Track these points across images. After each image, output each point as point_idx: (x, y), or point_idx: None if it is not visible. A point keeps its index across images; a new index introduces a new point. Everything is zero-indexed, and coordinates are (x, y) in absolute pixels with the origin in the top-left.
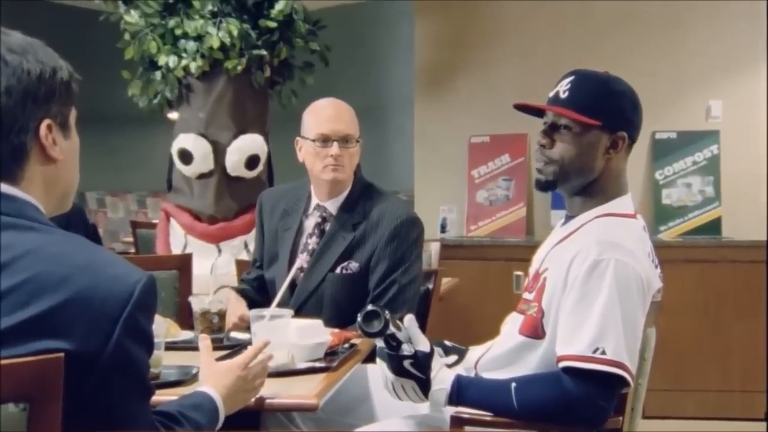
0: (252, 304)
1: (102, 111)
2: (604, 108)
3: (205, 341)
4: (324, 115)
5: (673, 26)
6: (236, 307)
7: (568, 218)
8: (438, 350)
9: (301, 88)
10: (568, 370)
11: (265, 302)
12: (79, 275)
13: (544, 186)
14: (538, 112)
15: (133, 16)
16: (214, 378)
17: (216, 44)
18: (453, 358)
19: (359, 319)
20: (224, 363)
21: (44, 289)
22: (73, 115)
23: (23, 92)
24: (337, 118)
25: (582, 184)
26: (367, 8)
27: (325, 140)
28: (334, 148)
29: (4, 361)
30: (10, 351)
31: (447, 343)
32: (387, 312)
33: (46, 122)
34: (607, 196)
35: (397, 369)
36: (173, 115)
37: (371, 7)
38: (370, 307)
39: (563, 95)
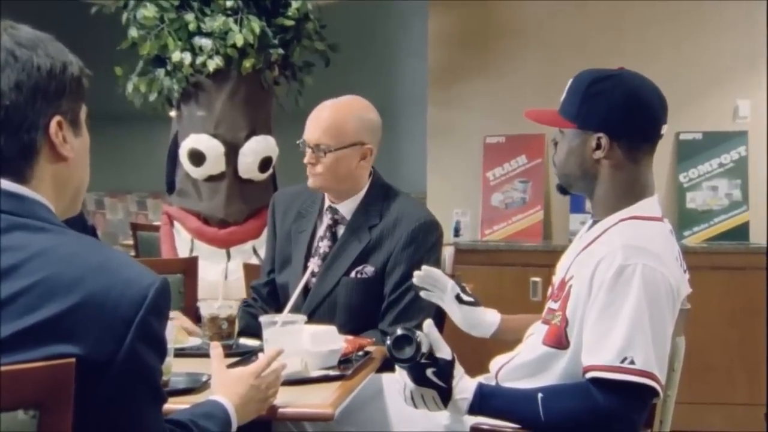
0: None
1: (98, 108)
2: (579, 110)
3: (216, 348)
4: (308, 119)
5: (699, 24)
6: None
7: (594, 222)
8: (453, 296)
9: (302, 87)
10: (595, 381)
11: (278, 310)
12: (91, 277)
13: (559, 189)
14: None
15: (150, 10)
16: (226, 387)
17: (240, 42)
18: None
19: (388, 343)
20: (236, 371)
21: (56, 291)
22: (83, 112)
23: (33, 88)
24: (313, 125)
25: (586, 188)
26: (379, 3)
27: (304, 144)
28: (307, 155)
29: (13, 367)
30: (21, 355)
31: (464, 297)
32: (418, 334)
33: (56, 119)
34: (629, 199)
35: (419, 378)
36: (173, 113)
37: (383, 3)
38: (400, 331)
39: (561, 99)
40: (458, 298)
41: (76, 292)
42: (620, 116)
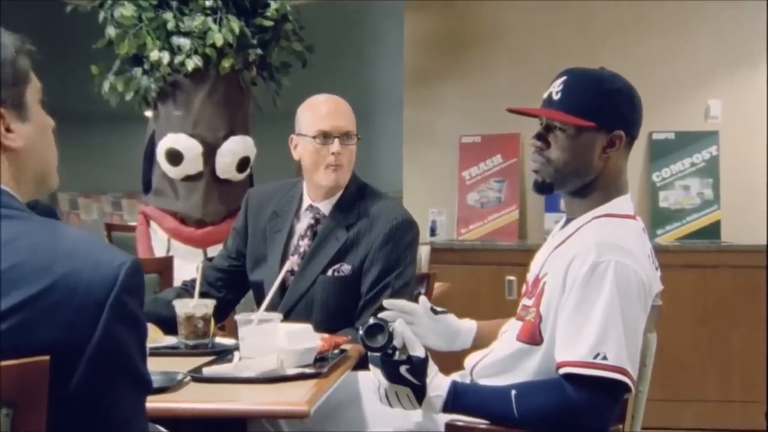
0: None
1: (73, 107)
2: (598, 107)
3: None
4: (323, 111)
5: (671, 25)
6: None
7: (568, 220)
8: (427, 309)
9: (279, 87)
10: (568, 377)
11: (221, 298)
12: (60, 262)
13: (541, 188)
14: None
15: (128, 9)
16: None
17: (219, 42)
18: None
19: (361, 332)
20: None
21: (24, 278)
22: (31, 92)
23: None
24: (336, 114)
25: (580, 185)
26: (355, 5)
27: (325, 137)
28: (335, 145)
29: None
30: None
31: (437, 308)
32: (391, 324)
33: None
34: (606, 197)
35: (393, 375)
36: (150, 113)
37: (359, 4)
38: (372, 320)
39: (556, 96)
40: (432, 310)
41: (46, 277)
42: (634, 114)
